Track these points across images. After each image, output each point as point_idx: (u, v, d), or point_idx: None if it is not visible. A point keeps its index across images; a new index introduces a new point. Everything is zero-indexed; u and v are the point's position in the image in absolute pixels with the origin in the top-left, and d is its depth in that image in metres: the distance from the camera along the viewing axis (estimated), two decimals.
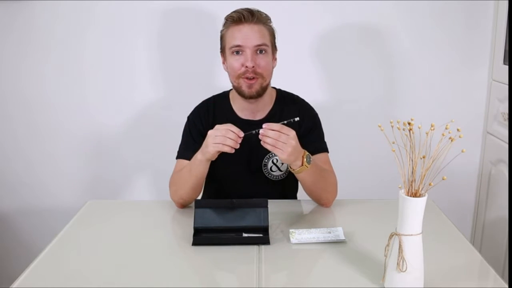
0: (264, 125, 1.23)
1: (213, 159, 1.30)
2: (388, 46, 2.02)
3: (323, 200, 1.44)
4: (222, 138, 1.24)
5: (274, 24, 1.44)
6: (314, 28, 2.00)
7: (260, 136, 1.23)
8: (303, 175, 1.32)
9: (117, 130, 2.10)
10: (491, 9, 1.97)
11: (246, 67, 1.37)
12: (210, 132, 1.27)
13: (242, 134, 1.24)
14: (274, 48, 1.45)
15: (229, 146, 1.23)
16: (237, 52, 1.38)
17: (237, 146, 1.24)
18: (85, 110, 2.07)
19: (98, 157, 2.13)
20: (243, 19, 1.36)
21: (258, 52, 1.38)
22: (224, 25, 1.42)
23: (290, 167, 1.31)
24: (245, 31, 1.36)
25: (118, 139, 2.11)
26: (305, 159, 1.28)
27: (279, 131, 1.22)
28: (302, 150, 1.29)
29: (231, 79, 1.43)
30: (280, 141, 1.21)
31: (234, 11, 1.39)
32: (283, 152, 1.22)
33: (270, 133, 1.22)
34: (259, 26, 1.38)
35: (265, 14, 1.42)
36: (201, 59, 2.02)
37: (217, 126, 1.26)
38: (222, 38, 1.43)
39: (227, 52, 1.41)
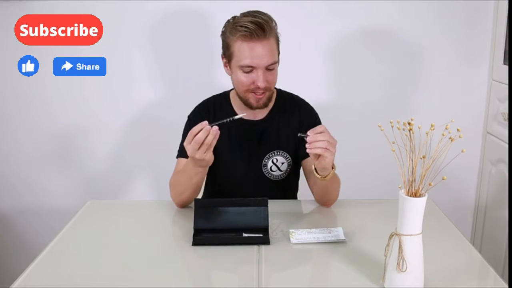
0: (310, 131, 1.19)
1: (212, 160, 1.27)
2: (388, 46, 2.02)
3: (330, 202, 1.43)
4: (200, 144, 1.19)
5: (278, 24, 1.39)
6: (316, 29, 2.00)
7: (309, 141, 1.18)
8: (329, 180, 1.30)
9: (117, 130, 2.10)
10: (491, 9, 1.97)
11: (258, 86, 1.35)
12: (187, 148, 1.22)
13: (208, 127, 1.19)
14: (279, 53, 1.42)
15: (210, 140, 1.19)
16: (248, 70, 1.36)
17: (217, 133, 1.20)
18: (85, 110, 2.07)
19: (98, 157, 2.12)
20: (255, 36, 1.31)
21: (268, 69, 1.36)
22: (231, 32, 1.35)
23: (320, 173, 1.27)
24: (257, 51, 1.32)
25: (118, 139, 2.11)
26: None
27: (328, 140, 1.18)
28: None
29: (238, 91, 1.42)
30: (331, 147, 1.19)
31: (242, 22, 1.32)
32: (332, 154, 1.20)
33: (320, 137, 1.18)
34: (269, 41, 1.34)
35: (268, 16, 1.36)
36: (201, 59, 2.02)
37: (185, 145, 1.22)
38: (227, 46, 1.38)
39: (236, 66, 1.37)
